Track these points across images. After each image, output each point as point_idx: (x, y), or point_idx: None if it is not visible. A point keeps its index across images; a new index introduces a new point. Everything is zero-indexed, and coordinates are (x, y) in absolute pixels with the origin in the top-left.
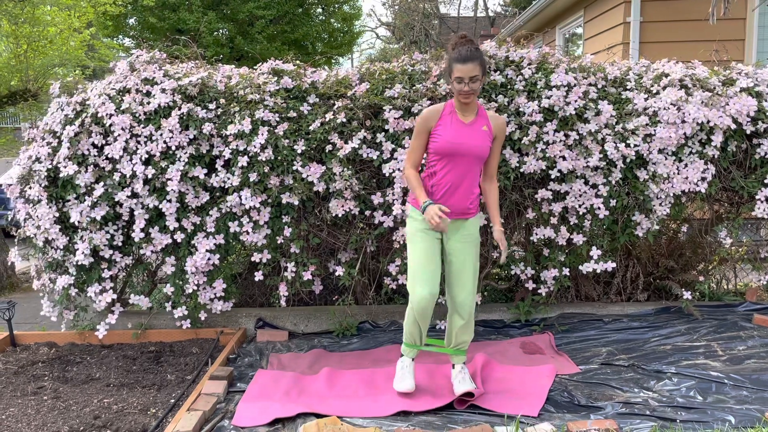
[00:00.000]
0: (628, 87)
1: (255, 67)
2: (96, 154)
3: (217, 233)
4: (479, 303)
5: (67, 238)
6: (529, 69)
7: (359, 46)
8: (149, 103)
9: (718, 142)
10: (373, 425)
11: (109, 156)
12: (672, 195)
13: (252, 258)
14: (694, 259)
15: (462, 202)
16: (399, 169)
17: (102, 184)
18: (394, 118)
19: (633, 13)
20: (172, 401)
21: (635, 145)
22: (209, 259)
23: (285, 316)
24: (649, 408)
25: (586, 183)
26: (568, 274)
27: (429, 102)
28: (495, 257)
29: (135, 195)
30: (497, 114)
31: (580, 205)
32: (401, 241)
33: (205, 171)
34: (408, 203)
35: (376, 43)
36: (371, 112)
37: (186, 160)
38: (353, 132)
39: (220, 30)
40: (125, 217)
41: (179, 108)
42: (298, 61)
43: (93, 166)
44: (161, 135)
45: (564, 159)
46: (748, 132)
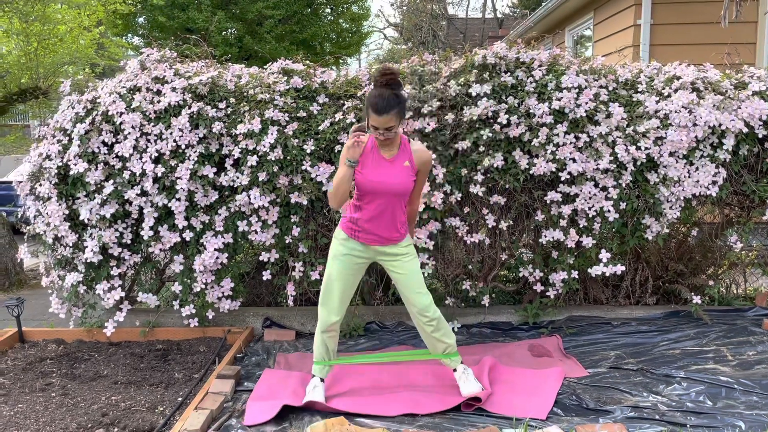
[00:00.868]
0: (639, 89)
1: (265, 67)
2: (106, 152)
3: (226, 232)
4: (487, 305)
5: (77, 235)
6: (540, 70)
7: (367, 46)
8: (159, 102)
9: (729, 145)
10: (380, 426)
11: (119, 154)
12: (682, 198)
13: (260, 257)
14: (703, 263)
15: (389, 231)
16: None
17: (112, 181)
18: None
19: (644, 16)
20: (179, 399)
21: (646, 148)
22: (217, 258)
23: (292, 315)
24: (659, 412)
25: (596, 185)
26: (576, 276)
27: (439, 103)
28: (503, 259)
29: (144, 193)
30: (422, 147)
31: (589, 208)
32: None
33: (215, 170)
34: (339, 226)
35: (384, 44)
36: None
37: (195, 158)
38: None
39: (228, 29)
40: (134, 215)
41: (189, 107)
42: (307, 61)
43: (103, 164)
44: (171, 134)
45: (574, 161)
46: (760, 136)
